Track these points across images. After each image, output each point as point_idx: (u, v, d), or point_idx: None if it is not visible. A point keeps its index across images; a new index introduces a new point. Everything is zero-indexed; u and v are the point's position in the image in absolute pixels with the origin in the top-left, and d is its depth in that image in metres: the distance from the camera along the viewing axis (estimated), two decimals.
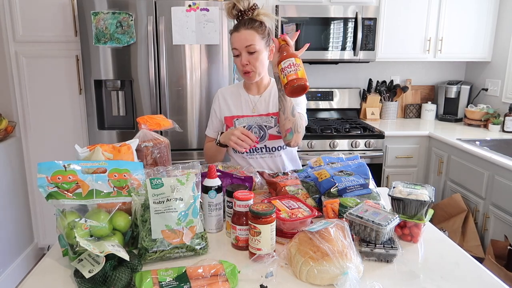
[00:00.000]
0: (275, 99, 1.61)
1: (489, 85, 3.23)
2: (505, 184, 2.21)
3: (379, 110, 3.42)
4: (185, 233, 1.04)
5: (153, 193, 1.02)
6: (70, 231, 0.98)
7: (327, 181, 1.29)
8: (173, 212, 1.02)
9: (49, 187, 0.99)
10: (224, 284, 0.90)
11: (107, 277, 0.89)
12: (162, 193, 1.03)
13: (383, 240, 1.04)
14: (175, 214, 1.03)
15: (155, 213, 1.01)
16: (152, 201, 1.02)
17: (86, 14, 2.42)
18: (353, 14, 2.90)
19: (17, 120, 2.72)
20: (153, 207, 1.01)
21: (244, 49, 1.50)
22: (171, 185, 1.05)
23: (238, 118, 1.63)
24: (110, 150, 1.16)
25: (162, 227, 1.01)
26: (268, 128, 1.62)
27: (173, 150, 1.52)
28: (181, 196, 1.04)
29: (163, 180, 1.05)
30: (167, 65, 2.52)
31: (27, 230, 2.82)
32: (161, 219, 1.01)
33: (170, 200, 1.03)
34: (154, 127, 1.39)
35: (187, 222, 1.04)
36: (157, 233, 1.01)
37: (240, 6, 1.50)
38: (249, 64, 1.52)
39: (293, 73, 1.25)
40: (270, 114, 1.62)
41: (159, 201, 1.02)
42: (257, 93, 1.66)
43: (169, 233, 1.02)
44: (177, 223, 1.03)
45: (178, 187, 1.05)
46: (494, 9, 3.10)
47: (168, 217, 1.02)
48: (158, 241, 1.01)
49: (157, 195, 1.02)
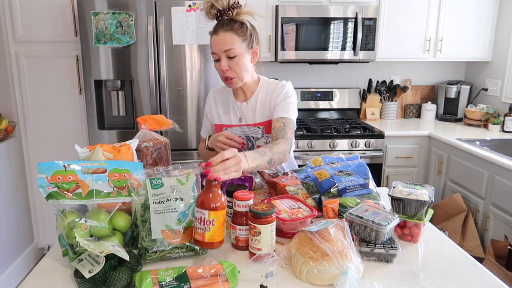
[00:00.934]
0: (261, 106, 1.55)
1: (489, 85, 3.23)
2: (505, 184, 2.21)
3: (379, 110, 3.42)
4: (185, 234, 1.04)
5: (153, 193, 1.02)
6: (70, 231, 0.98)
7: (327, 181, 1.29)
8: (173, 212, 1.02)
9: (49, 187, 0.99)
10: (224, 284, 0.90)
11: (107, 277, 0.89)
12: (162, 193, 1.02)
13: (383, 240, 1.04)
14: (175, 214, 1.02)
15: (155, 213, 1.01)
16: (152, 201, 1.01)
17: (86, 14, 2.42)
18: (353, 14, 2.90)
19: (17, 120, 2.72)
20: (153, 207, 1.01)
21: (223, 54, 1.41)
22: (171, 185, 1.04)
23: (227, 128, 1.61)
24: (110, 150, 1.16)
25: (162, 227, 1.01)
26: (256, 140, 1.58)
27: (173, 150, 1.52)
28: (181, 196, 1.04)
29: (163, 180, 1.04)
30: (167, 65, 2.52)
31: (27, 230, 2.82)
32: (161, 219, 1.01)
33: (170, 200, 1.02)
34: (154, 127, 1.39)
35: (187, 222, 1.04)
36: (157, 233, 1.01)
37: (218, 5, 1.39)
38: (229, 69, 1.43)
39: (200, 232, 0.99)
40: (257, 124, 1.57)
41: (159, 201, 1.01)
42: (244, 99, 1.59)
43: (169, 233, 1.02)
44: (177, 223, 1.03)
45: (178, 187, 1.04)
46: (494, 9, 3.10)
47: (168, 217, 1.02)
48: (158, 241, 1.01)
49: (157, 195, 1.02)
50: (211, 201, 0.98)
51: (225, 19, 1.42)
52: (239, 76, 1.46)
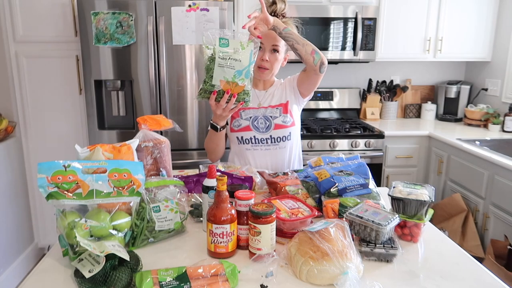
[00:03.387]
0: (278, 92, 1.68)
1: (489, 85, 3.23)
2: (505, 184, 2.21)
3: (379, 110, 3.42)
4: (238, 85, 1.30)
5: (220, 50, 1.28)
6: (70, 231, 0.98)
7: (327, 181, 1.29)
8: (231, 69, 1.29)
9: (49, 187, 0.99)
10: (224, 284, 0.90)
11: (107, 277, 0.89)
12: (226, 52, 1.28)
13: (383, 240, 1.04)
14: (233, 71, 1.29)
15: (218, 66, 1.28)
16: (217, 56, 1.28)
17: (86, 14, 2.42)
18: (353, 14, 2.90)
19: (17, 120, 2.72)
20: (218, 61, 1.28)
21: (270, 46, 1.56)
22: (235, 47, 1.29)
23: (244, 110, 1.66)
24: (110, 150, 1.16)
25: (221, 77, 1.29)
26: (274, 118, 1.65)
27: (173, 150, 1.51)
28: (240, 58, 1.29)
29: (229, 41, 1.28)
30: (167, 65, 2.52)
31: (27, 230, 2.82)
32: (222, 71, 1.28)
33: (231, 59, 1.28)
34: (154, 127, 1.39)
35: (240, 80, 1.30)
36: (217, 81, 1.30)
37: (277, 7, 1.56)
38: (268, 61, 1.57)
39: (223, 246, 1.05)
40: (275, 106, 1.66)
41: (223, 57, 1.28)
42: (263, 88, 1.70)
43: (225, 83, 1.30)
44: (233, 78, 1.30)
45: (239, 50, 1.29)
46: (494, 9, 3.10)
47: (227, 71, 1.29)
48: (216, 86, 1.30)
49: (223, 52, 1.28)
50: (228, 215, 1.04)
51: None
52: (272, 69, 1.61)
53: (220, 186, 1.05)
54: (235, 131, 1.66)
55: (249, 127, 1.64)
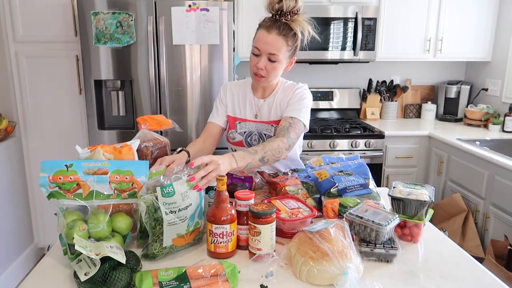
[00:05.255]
0: (277, 106, 1.56)
1: (489, 85, 3.23)
2: (505, 184, 2.21)
3: (379, 110, 3.42)
4: (191, 234, 1.07)
5: (164, 202, 0.99)
6: (70, 230, 0.98)
7: (327, 181, 1.29)
8: (184, 222, 1.03)
9: (50, 187, 0.99)
10: (224, 284, 0.90)
11: (107, 277, 0.89)
12: (174, 202, 0.99)
13: (383, 240, 1.04)
14: (186, 223, 1.03)
15: (168, 225, 1.00)
16: (164, 212, 0.98)
17: (86, 14, 2.42)
18: (353, 14, 2.90)
19: (17, 120, 2.72)
20: (166, 219, 0.99)
21: (266, 54, 1.41)
22: (182, 192, 1.01)
23: (241, 121, 1.62)
24: (111, 151, 1.15)
25: (173, 236, 1.03)
26: (268, 137, 1.58)
27: (173, 150, 1.51)
28: (190, 202, 1.03)
29: (174, 187, 1.00)
30: (167, 65, 2.52)
31: (27, 230, 2.82)
32: (173, 230, 1.02)
33: (182, 210, 1.01)
34: (154, 127, 1.39)
35: (194, 225, 1.07)
36: (168, 242, 1.03)
37: (284, 4, 1.38)
38: (264, 69, 1.44)
39: (223, 246, 1.05)
40: (271, 122, 1.58)
41: (170, 210, 0.99)
42: (262, 96, 1.60)
43: (179, 239, 1.05)
44: (187, 229, 1.05)
45: (187, 193, 1.02)
46: (494, 9, 3.10)
47: (180, 227, 1.03)
48: (168, 248, 1.03)
49: (169, 204, 0.99)
50: (228, 215, 1.04)
51: (282, 21, 1.41)
52: (269, 78, 1.47)
53: (220, 186, 1.05)
54: (230, 143, 1.65)
55: (242, 142, 1.61)
